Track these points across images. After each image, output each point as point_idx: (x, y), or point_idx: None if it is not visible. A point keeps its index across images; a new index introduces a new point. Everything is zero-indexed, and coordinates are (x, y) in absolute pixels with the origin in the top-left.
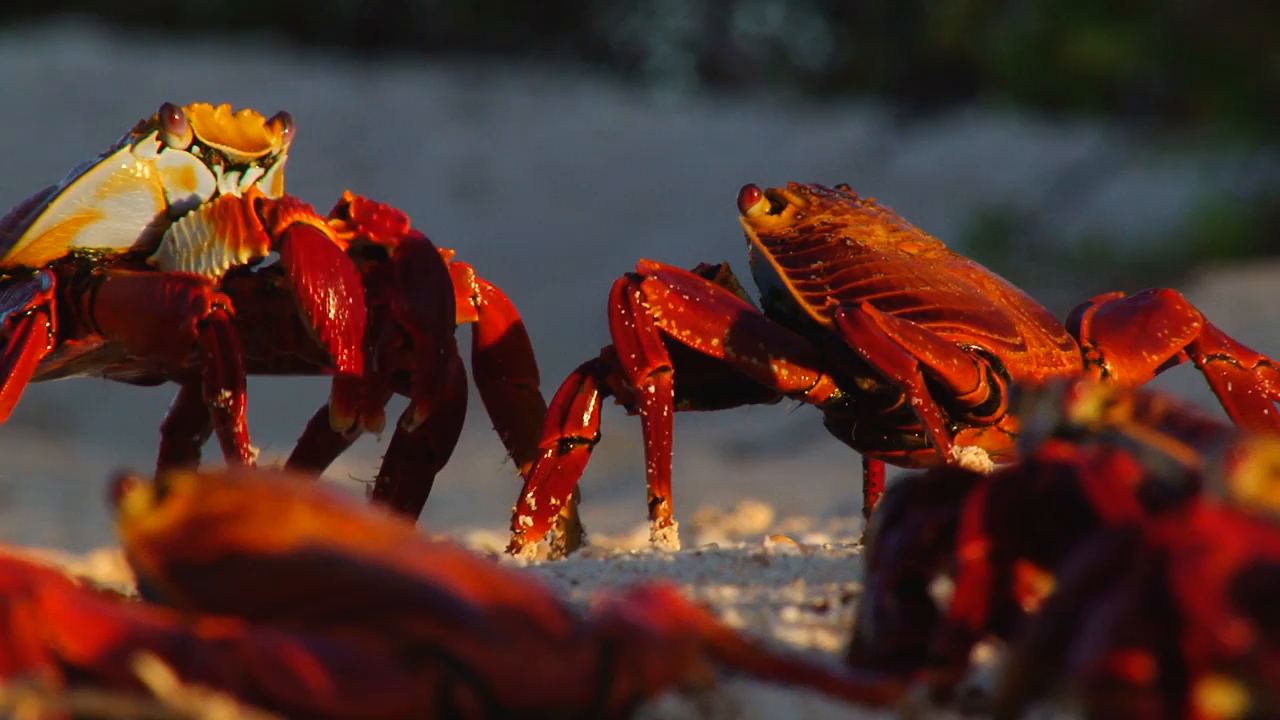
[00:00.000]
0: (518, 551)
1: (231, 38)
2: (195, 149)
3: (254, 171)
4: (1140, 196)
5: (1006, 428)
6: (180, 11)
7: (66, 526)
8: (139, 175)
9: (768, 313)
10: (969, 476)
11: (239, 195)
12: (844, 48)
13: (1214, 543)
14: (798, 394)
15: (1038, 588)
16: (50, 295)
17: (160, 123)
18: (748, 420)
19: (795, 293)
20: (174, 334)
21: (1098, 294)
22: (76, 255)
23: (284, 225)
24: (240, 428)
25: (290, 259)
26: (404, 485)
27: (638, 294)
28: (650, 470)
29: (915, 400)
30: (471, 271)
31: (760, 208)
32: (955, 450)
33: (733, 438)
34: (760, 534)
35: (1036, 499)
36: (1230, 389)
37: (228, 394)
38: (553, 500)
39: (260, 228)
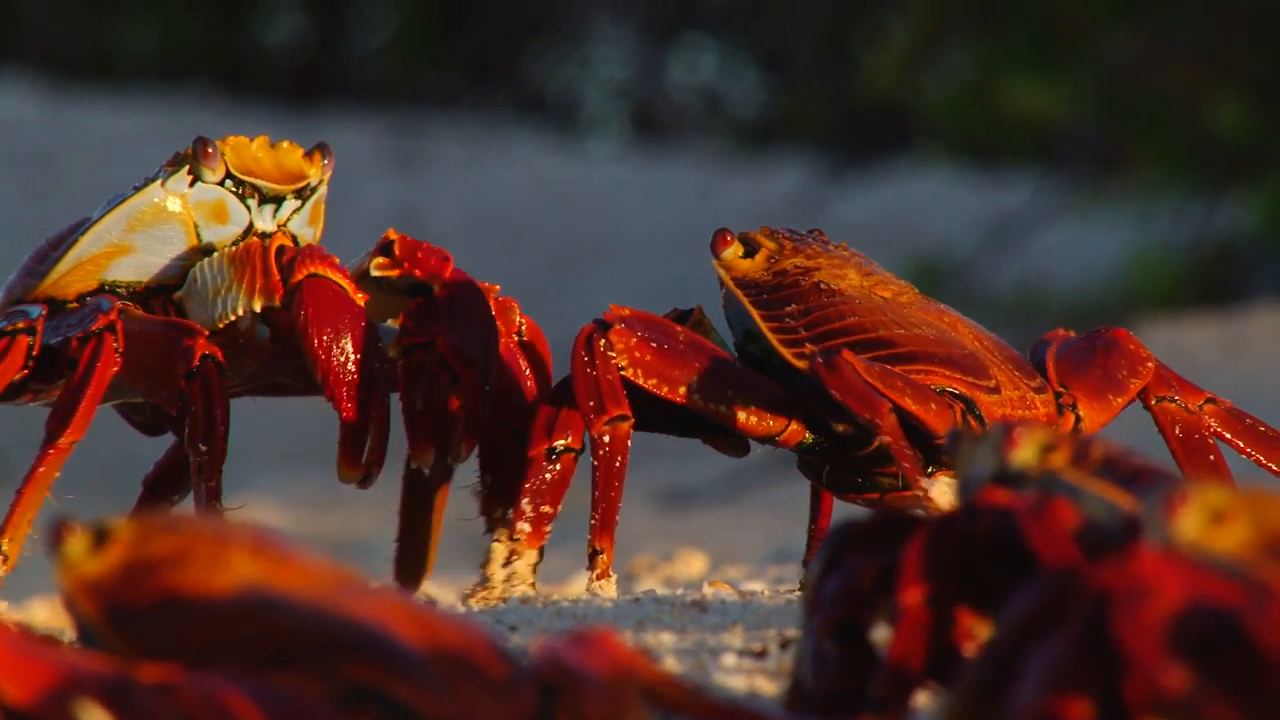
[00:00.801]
0: (516, 560)
1: (165, 87)
2: (228, 182)
3: (290, 204)
4: (1074, 245)
5: None
6: (114, 60)
7: None
8: (170, 209)
9: (741, 356)
10: (908, 521)
11: (267, 236)
12: (777, 97)
13: (1154, 587)
14: (767, 439)
15: (977, 632)
16: (114, 316)
17: (193, 156)
18: (683, 468)
19: (770, 336)
20: (164, 381)
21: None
22: (106, 288)
23: (299, 276)
24: (214, 482)
25: (299, 312)
26: (505, 476)
27: (603, 341)
28: (594, 520)
29: (885, 438)
30: (516, 307)
31: (733, 251)
32: (925, 483)
33: (668, 485)
34: (697, 581)
35: (976, 544)
36: (1178, 432)
37: (204, 448)
38: (545, 508)
39: (276, 277)
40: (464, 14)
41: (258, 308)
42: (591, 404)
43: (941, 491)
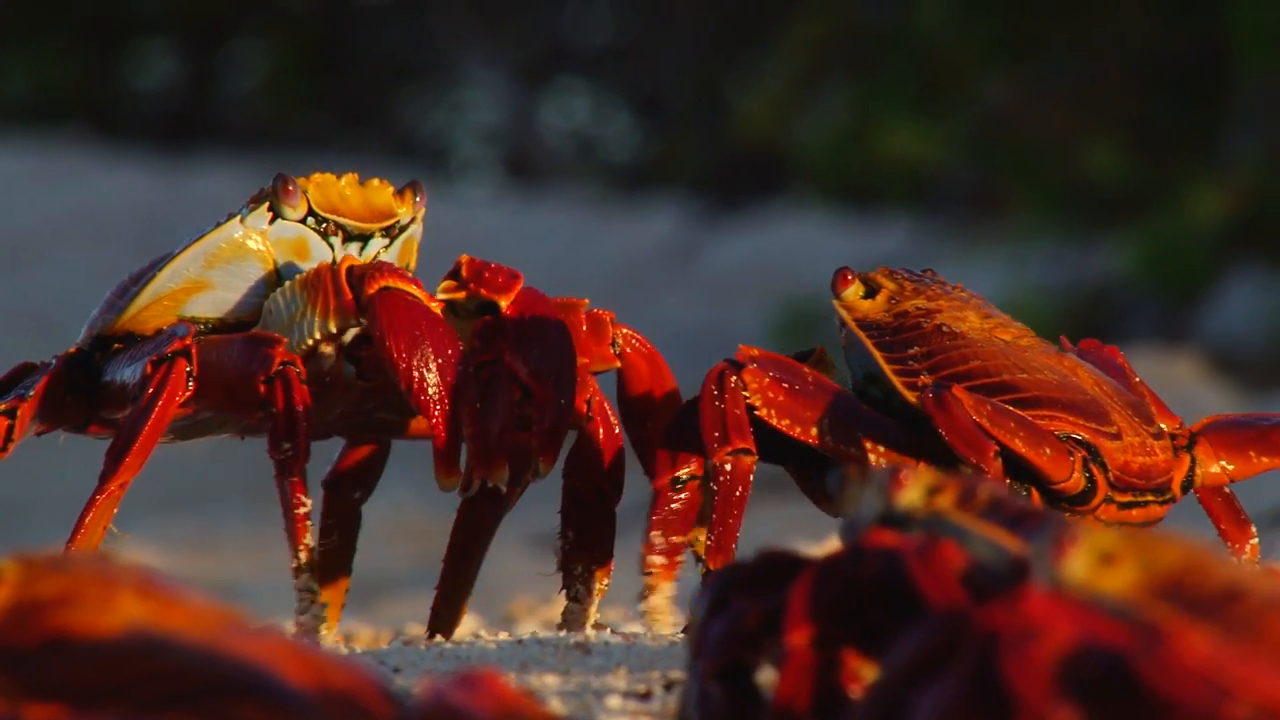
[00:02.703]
0: (652, 594)
1: (37, 130)
2: (310, 220)
3: (378, 242)
4: None
5: (1103, 516)
6: None
7: None
8: (249, 246)
9: (860, 396)
10: (794, 563)
11: (352, 256)
12: (650, 141)
13: (1043, 628)
14: None
15: (863, 675)
16: (189, 341)
17: (273, 193)
18: (556, 511)
19: (893, 378)
20: (245, 390)
21: None
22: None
23: (371, 291)
24: (296, 478)
25: (374, 325)
26: (588, 533)
27: (734, 379)
28: (709, 542)
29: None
30: (609, 319)
31: (854, 291)
32: None
33: (543, 529)
34: None
35: (862, 585)
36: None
37: (287, 445)
38: (675, 538)
39: (349, 296)
40: (336, 58)
41: (334, 329)
42: (716, 435)
43: None
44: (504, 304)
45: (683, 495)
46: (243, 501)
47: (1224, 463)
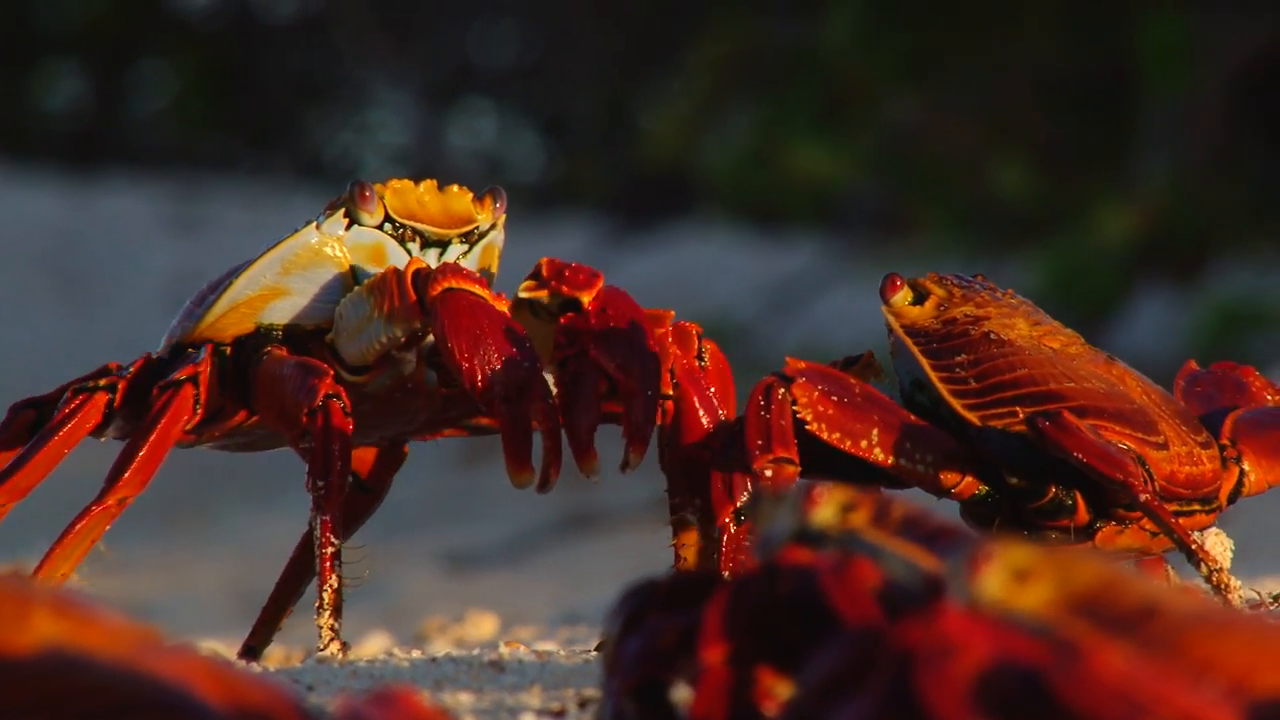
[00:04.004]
0: None
1: None
2: (387, 226)
3: (456, 248)
4: (857, 307)
5: (1147, 526)
6: None
7: None
8: (325, 253)
9: (907, 403)
10: (708, 581)
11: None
12: (557, 162)
13: (958, 645)
14: (943, 493)
15: (778, 692)
16: (203, 366)
17: (350, 199)
18: (468, 530)
19: (940, 387)
20: (292, 419)
21: None
22: (262, 330)
23: (434, 293)
24: (329, 516)
25: (437, 328)
26: (701, 485)
27: (782, 392)
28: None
29: (1143, 497)
30: (696, 331)
31: (903, 297)
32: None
33: (453, 548)
34: (489, 641)
35: (777, 603)
36: None
37: (321, 484)
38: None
39: (413, 299)
40: (243, 78)
41: (399, 333)
42: (760, 442)
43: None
44: (586, 300)
45: (742, 529)
46: (153, 521)
47: (1268, 471)
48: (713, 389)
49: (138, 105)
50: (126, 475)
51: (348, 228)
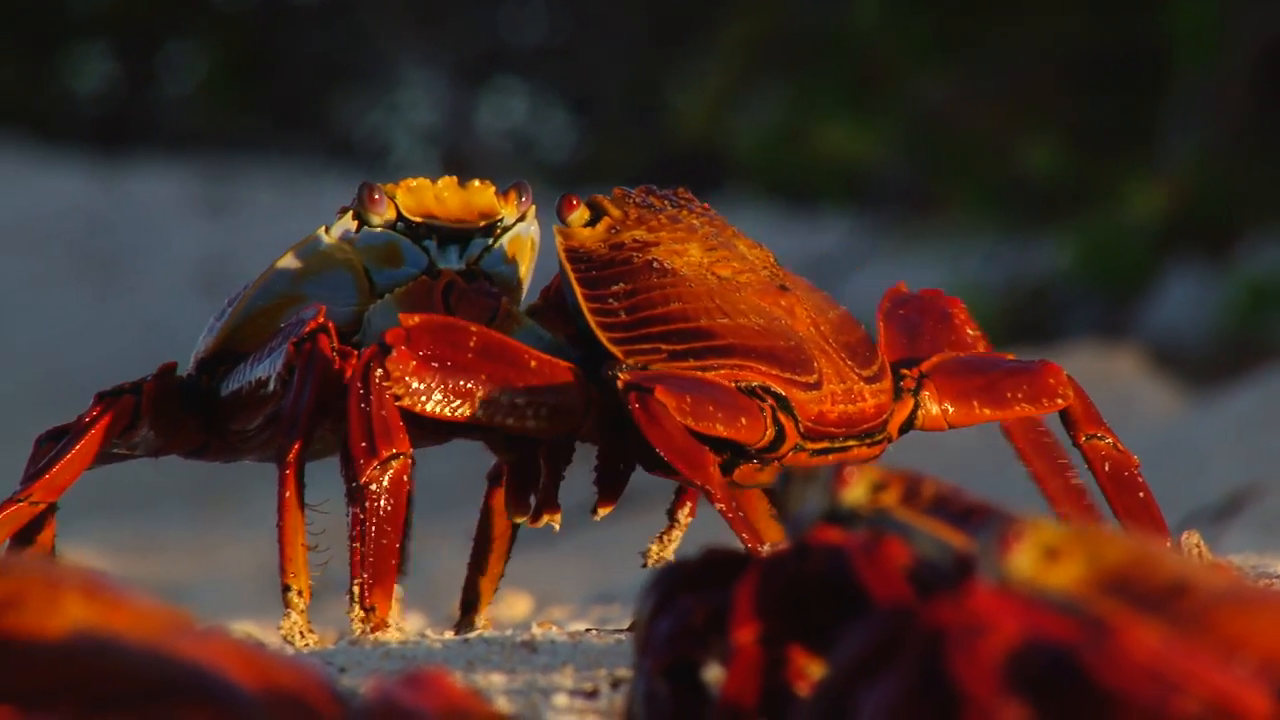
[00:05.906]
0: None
1: None
2: (400, 225)
3: (479, 242)
4: (887, 286)
5: (792, 462)
6: None
7: None
8: (336, 256)
9: (580, 337)
10: (739, 560)
11: (453, 271)
12: (586, 141)
13: (989, 624)
14: (567, 438)
15: (810, 672)
16: (151, 382)
17: (357, 201)
18: None
19: (590, 317)
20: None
21: None
22: None
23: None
24: (289, 472)
25: None
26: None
27: (379, 372)
28: (366, 578)
29: (718, 506)
30: None
31: (578, 217)
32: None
33: None
34: (523, 622)
35: (808, 582)
36: (1107, 469)
37: (294, 427)
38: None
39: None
40: (272, 59)
41: None
42: (364, 445)
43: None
44: None
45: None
46: (184, 505)
47: (947, 406)
48: None
49: (167, 87)
50: (45, 478)
51: (357, 230)
